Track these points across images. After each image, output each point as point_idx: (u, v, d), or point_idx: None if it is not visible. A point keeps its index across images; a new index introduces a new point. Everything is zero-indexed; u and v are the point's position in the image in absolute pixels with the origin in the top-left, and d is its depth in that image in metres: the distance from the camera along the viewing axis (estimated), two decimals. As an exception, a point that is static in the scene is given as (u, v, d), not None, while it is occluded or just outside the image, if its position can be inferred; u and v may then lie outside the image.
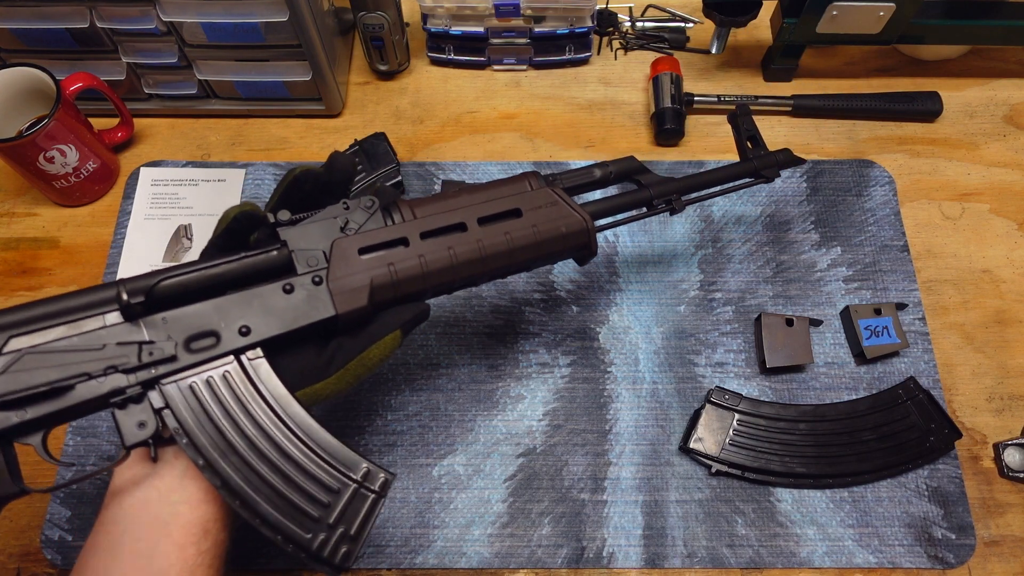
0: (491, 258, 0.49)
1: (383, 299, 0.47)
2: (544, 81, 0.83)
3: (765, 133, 0.78)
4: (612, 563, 0.60)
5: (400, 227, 0.48)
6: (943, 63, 0.83)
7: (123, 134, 0.77)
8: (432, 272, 0.48)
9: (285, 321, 0.44)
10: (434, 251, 0.48)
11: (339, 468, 0.44)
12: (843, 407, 0.63)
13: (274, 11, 0.66)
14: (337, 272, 0.46)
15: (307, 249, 0.46)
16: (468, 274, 0.49)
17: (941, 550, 0.60)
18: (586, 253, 0.54)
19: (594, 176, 0.56)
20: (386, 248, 0.47)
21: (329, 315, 0.45)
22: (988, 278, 0.71)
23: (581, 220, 0.52)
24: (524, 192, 0.52)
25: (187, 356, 0.42)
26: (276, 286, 0.45)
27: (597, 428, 0.65)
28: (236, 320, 0.44)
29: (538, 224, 0.51)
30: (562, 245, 0.52)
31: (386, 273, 0.46)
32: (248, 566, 0.60)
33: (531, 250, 0.51)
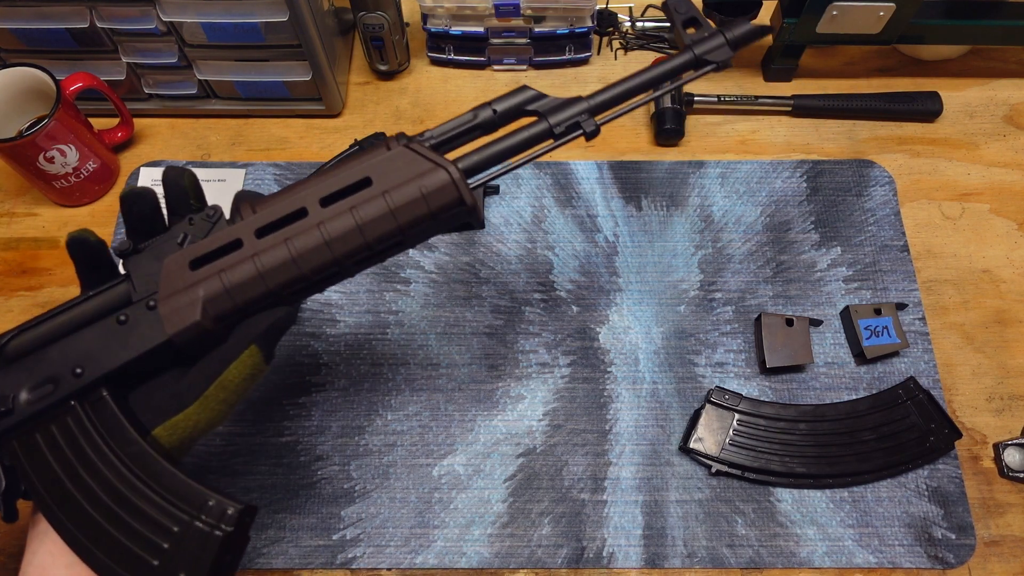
0: (337, 241, 0.42)
1: (221, 311, 0.41)
2: (544, 81, 0.83)
3: (765, 133, 0.79)
4: (612, 563, 0.60)
5: (235, 228, 0.42)
6: (943, 63, 0.83)
7: (123, 134, 0.77)
8: (269, 271, 0.41)
9: (117, 355, 0.41)
10: (269, 247, 0.41)
11: (179, 506, 0.39)
12: (843, 407, 0.63)
13: (274, 11, 0.66)
14: (166, 291, 0.41)
15: (145, 275, 0.42)
16: (317, 264, 0.42)
17: (941, 550, 0.60)
18: (463, 211, 0.43)
19: (473, 120, 0.46)
20: (218, 255, 0.42)
21: (161, 340, 0.41)
22: (988, 278, 0.71)
23: (444, 173, 0.42)
24: (377, 157, 0.43)
25: (26, 408, 0.40)
26: (111, 319, 0.42)
27: (597, 428, 0.65)
28: (71, 362, 0.41)
29: (390, 190, 0.42)
30: (426, 208, 0.42)
31: (217, 282, 0.41)
32: (248, 566, 0.60)
33: (386, 221, 0.42)
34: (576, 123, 0.46)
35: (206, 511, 0.39)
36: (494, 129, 0.47)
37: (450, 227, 0.45)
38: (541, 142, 0.47)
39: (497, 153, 0.46)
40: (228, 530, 0.39)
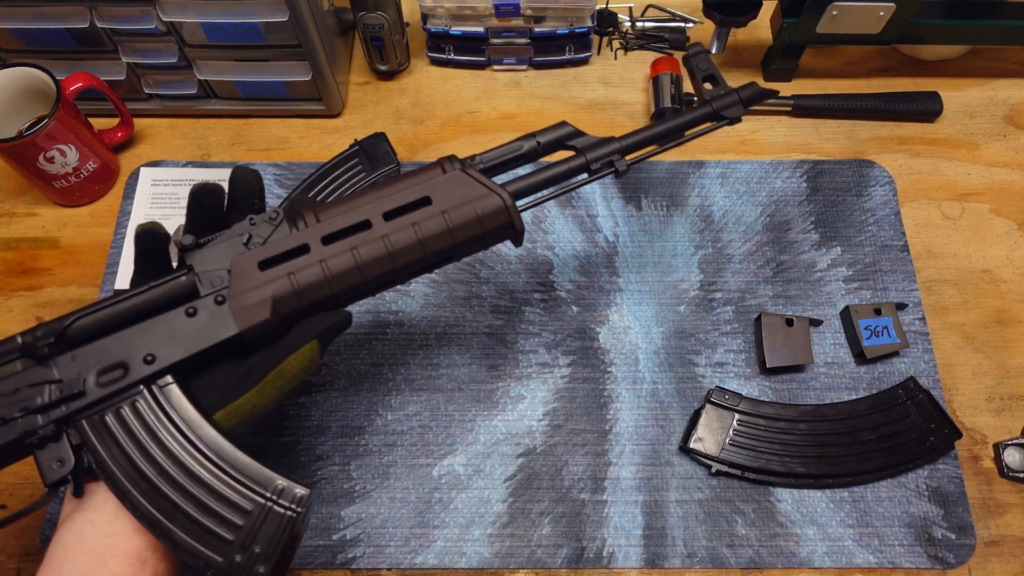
0: (400, 253, 0.46)
1: (289, 310, 0.45)
2: (544, 81, 0.83)
3: (765, 133, 0.79)
4: (612, 563, 0.60)
5: (301, 234, 0.46)
6: (943, 63, 0.83)
7: (123, 134, 0.77)
8: (336, 276, 0.45)
9: (188, 345, 0.44)
10: (337, 254, 0.45)
11: (251, 487, 0.42)
12: (843, 407, 0.63)
13: (274, 11, 0.66)
14: (237, 288, 0.44)
15: (211, 270, 0.45)
16: (379, 273, 0.46)
17: (941, 550, 0.60)
18: (511, 233, 0.49)
19: (520, 150, 0.51)
20: (287, 258, 0.45)
21: (232, 333, 0.44)
22: (988, 278, 0.71)
23: (498, 199, 0.47)
24: (435, 178, 0.48)
25: (97, 390, 0.42)
26: (180, 311, 0.44)
27: (597, 428, 0.65)
28: (141, 349, 0.43)
29: (449, 210, 0.47)
30: (479, 228, 0.47)
31: (287, 283, 0.44)
32: (248, 566, 0.60)
33: (444, 238, 0.47)
34: (610, 161, 0.53)
35: (279, 493, 0.42)
36: (535, 159, 0.53)
37: (494, 243, 0.50)
38: (578, 175, 0.53)
39: (541, 182, 0.52)
40: (300, 511, 0.42)
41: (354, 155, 0.73)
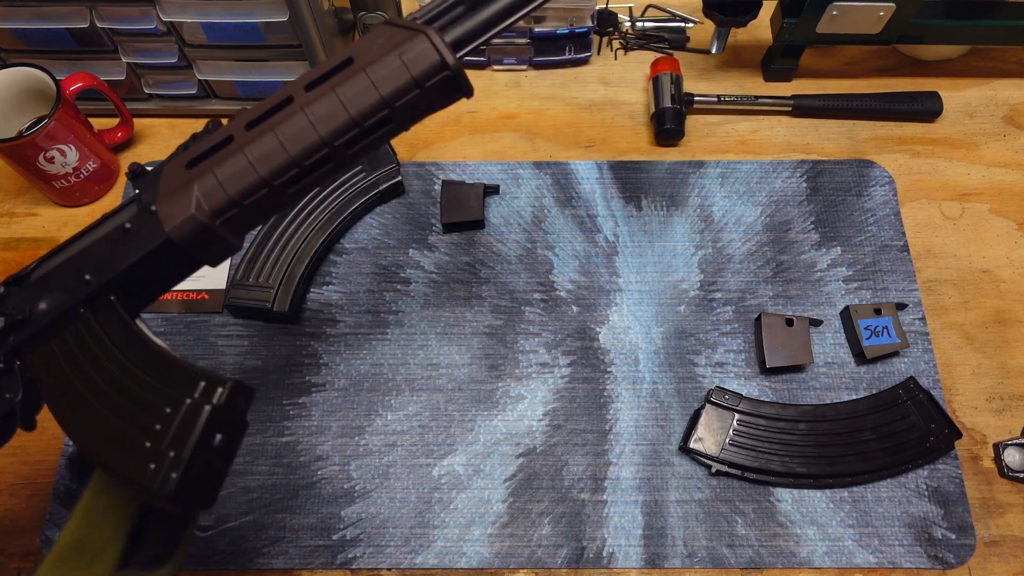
0: (323, 121, 0.40)
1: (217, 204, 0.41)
2: (544, 81, 0.83)
3: (765, 133, 0.79)
4: (612, 563, 0.60)
5: (227, 127, 0.43)
6: (943, 63, 0.83)
7: (123, 134, 0.77)
8: (259, 159, 0.40)
9: (123, 259, 0.42)
10: (258, 137, 0.41)
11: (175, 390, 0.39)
12: (843, 407, 0.63)
13: (274, 11, 0.66)
14: (165, 193, 0.42)
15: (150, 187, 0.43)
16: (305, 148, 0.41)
17: (941, 550, 0.60)
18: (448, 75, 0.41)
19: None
20: (213, 152, 0.42)
21: (160, 239, 0.41)
22: (988, 278, 0.71)
23: (422, 37, 0.40)
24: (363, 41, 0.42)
25: (40, 318, 0.43)
26: (116, 228, 0.43)
27: (597, 428, 0.65)
28: (81, 272, 0.43)
29: (371, 64, 0.40)
30: (408, 75, 0.40)
31: (210, 177, 0.41)
32: (248, 566, 0.60)
33: (369, 94, 0.40)
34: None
35: (197, 390, 0.39)
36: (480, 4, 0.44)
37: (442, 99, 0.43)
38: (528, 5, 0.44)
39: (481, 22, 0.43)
40: (218, 404, 0.38)
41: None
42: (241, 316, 0.69)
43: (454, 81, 0.42)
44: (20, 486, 0.63)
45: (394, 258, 0.72)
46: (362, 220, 0.74)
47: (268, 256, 0.68)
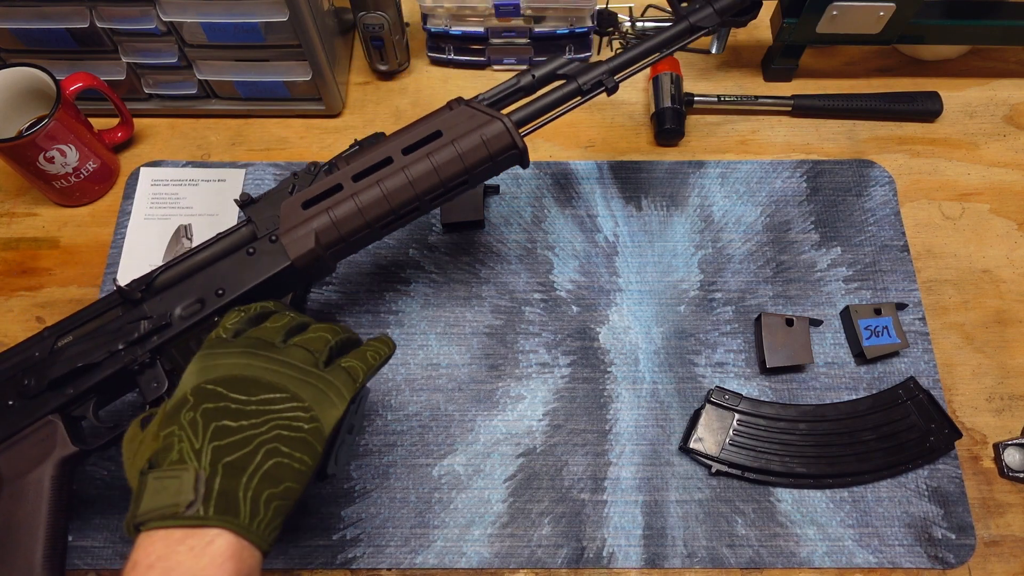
0: (419, 181, 0.53)
1: (330, 240, 0.53)
2: (544, 81, 0.83)
3: (765, 133, 0.79)
4: (612, 563, 0.60)
5: (335, 176, 0.54)
6: (943, 63, 0.83)
7: (123, 134, 0.77)
8: (366, 206, 0.53)
9: (250, 278, 0.52)
10: (365, 188, 0.53)
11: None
12: (843, 407, 0.63)
13: (274, 11, 0.66)
14: (286, 226, 0.53)
15: (265, 218, 0.54)
16: (403, 201, 0.53)
17: (941, 550, 0.60)
18: (515, 153, 0.55)
19: (517, 84, 0.58)
20: (325, 197, 0.53)
21: (285, 264, 0.52)
22: (988, 278, 0.71)
23: (499, 123, 0.54)
24: (444, 115, 0.55)
25: (181, 323, 0.52)
26: (242, 252, 0.53)
27: (597, 428, 0.65)
28: (213, 286, 0.52)
29: (457, 139, 0.53)
30: (486, 151, 0.54)
31: (326, 217, 0.52)
32: (248, 566, 0.60)
33: (455, 164, 0.53)
34: (600, 81, 0.59)
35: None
36: (533, 92, 0.59)
37: (503, 168, 0.57)
38: (572, 99, 0.59)
39: (539, 108, 0.58)
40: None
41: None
42: (241, 316, 0.69)
43: (520, 158, 0.56)
44: (20, 486, 0.63)
45: (394, 258, 0.72)
46: (362, 220, 0.74)
47: (268, 256, 0.69)
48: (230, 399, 0.41)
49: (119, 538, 0.61)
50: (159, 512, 0.38)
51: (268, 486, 0.40)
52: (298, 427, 0.42)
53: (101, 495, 0.62)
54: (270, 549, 0.40)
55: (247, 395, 0.42)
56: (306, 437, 0.42)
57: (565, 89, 0.59)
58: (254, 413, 0.41)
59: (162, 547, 0.37)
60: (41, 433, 0.50)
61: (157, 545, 0.37)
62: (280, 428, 0.41)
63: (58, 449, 0.50)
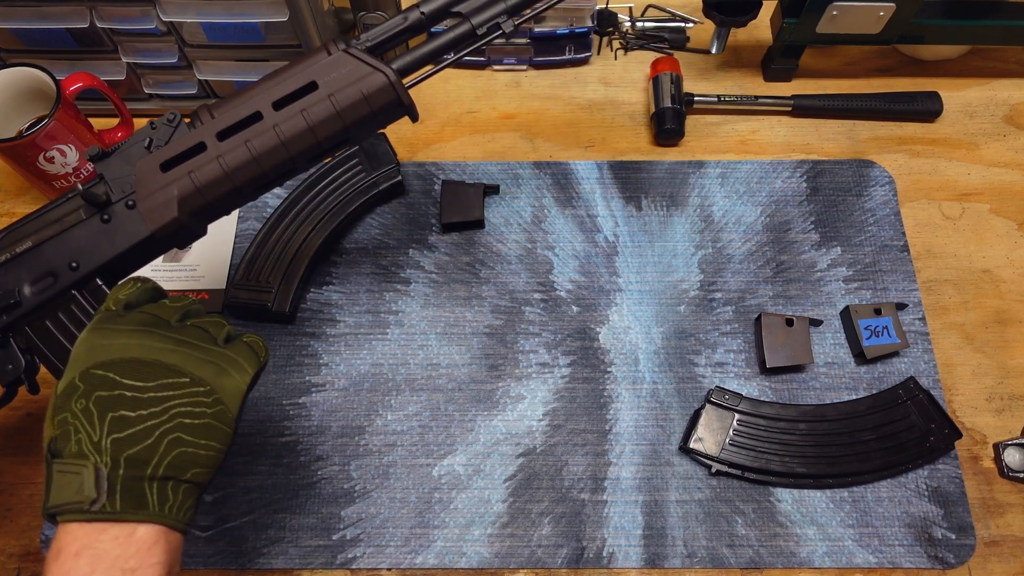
0: (292, 141, 0.48)
1: (195, 207, 0.48)
2: (544, 81, 0.83)
3: (765, 133, 0.79)
4: (612, 563, 0.60)
5: (197, 132, 0.48)
6: (943, 63, 0.83)
7: (123, 134, 0.77)
8: (234, 170, 0.47)
9: (107, 250, 0.48)
10: (232, 148, 0.47)
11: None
12: (843, 407, 0.63)
13: (274, 11, 0.66)
14: (143, 191, 0.47)
15: (120, 177, 0.48)
16: (275, 162, 0.48)
17: (941, 550, 0.60)
18: (401, 109, 0.50)
19: (404, 23, 0.51)
20: (187, 157, 0.48)
21: (144, 235, 0.47)
22: (988, 278, 0.71)
23: (382, 76, 0.48)
24: (320, 62, 0.49)
25: (32, 299, 0.47)
26: (95, 219, 0.48)
27: (597, 428, 0.65)
28: (65, 258, 0.47)
29: (335, 92, 0.48)
30: (368, 108, 0.48)
31: (189, 182, 0.47)
32: (248, 566, 0.60)
33: (334, 122, 0.48)
34: (496, 24, 0.51)
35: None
36: (423, 31, 0.52)
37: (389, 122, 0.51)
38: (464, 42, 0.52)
39: (426, 53, 0.51)
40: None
41: (354, 155, 0.73)
42: (241, 316, 0.69)
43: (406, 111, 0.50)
44: (20, 486, 0.63)
45: (394, 258, 0.72)
46: (362, 220, 0.74)
47: (268, 256, 0.68)
48: (125, 386, 0.39)
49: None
50: (67, 507, 0.38)
51: (174, 474, 0.40)
52: (201, 412, 0.41)
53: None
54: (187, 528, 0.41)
55: (143, 381, 0.40)
56: (210, 422, 0.41)
57: (458, 31, 0.51)
58: (152, 401, 0.40)
59: (84, 536, 0.38)
60: None
61: (78, 534, 0.38)
62: (182, 416, 0.40)
63: None
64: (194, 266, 0.71)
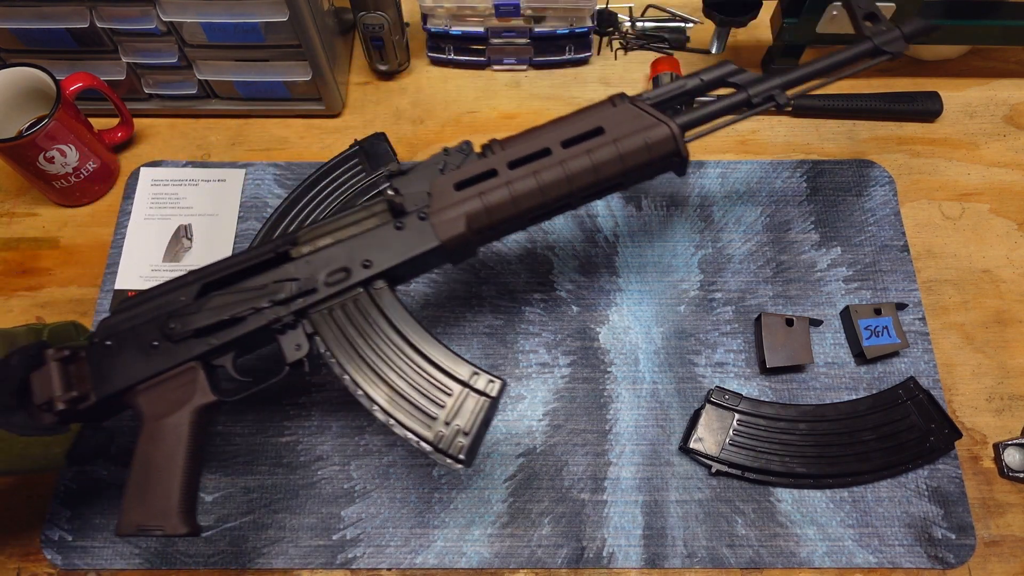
0: (576, 177, 0.52)
1: (479, 226, 0.53)
2: (544, 81, 0.83)
3: (765, 133, 0.79)
4: (612, 563, 0.60)
5: (489, 160, 0.53)
6: (943, 63, 0.83)
7: (123, 134, 0.77)
8: (520, 196, 0.52)
9: (398, 253, 0.52)
10: (521, 177, 0.52)
11: (451, 374, 0.50)
12: (843, 407, 0.63)
13: (274, 11, 0.66)
14: (436, 206, 0.52)
15: (413, 192, 0.53)
16: (557, 195, 0.53)
17: (941, 550, 0.60)
18: (677, 161, 0.54)
19: (684, 87, 0.56)
20: (478, 181, 0.53)
21: (434, 245, 0.52)
22: (988, 278, 0.71)
23: (666, 128, 0.53)
24: (606, 111, 0.54)
25: (326, 288, 0.52)
26: (390, 225, 0.53)
27: (597, 428, 0.65)
28: (360, 256, 0.52)
29: (620, 138, 0.52)
30: (647, 155, 0.53)
31: (478, 202, 0.52)
32: (248, 566, 0.60)
33: (615, 164, 0.53)
34: (771, 96, 0.56)
35: (474, 380, 0.50)
36: (699, 95, 0.57)
37: (659, 173, 0.56)
38: (739, 109, 0.57)
39: (704, 115, 0.56)
40: (493, 397, 0.50)
41: (354, 155, 0.73)
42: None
43: (680, 165, 0.55)
44: (20, 486, 0.63)
45: (394, 258, 0.72)
46: (362, 220, 0.74)
47: (268, 256, 0.68)
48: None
49: (119, 538, 0.61)
50: None
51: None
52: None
53: (101, 495, 0.62)
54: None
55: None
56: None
57: (734, 99, 0.56)
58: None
59: None
60: (183, 378, 0.52)
61: None
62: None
63: (198, 396, 0.51)
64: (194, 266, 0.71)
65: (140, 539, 0.61)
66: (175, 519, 0.50)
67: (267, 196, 0.75)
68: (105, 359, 0.52)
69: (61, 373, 0.51)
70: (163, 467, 0.50)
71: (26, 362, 0.51)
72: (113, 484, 0.62)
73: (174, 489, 0.50)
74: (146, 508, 0.50)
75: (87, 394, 0.51)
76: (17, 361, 0.51)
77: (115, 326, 0.53)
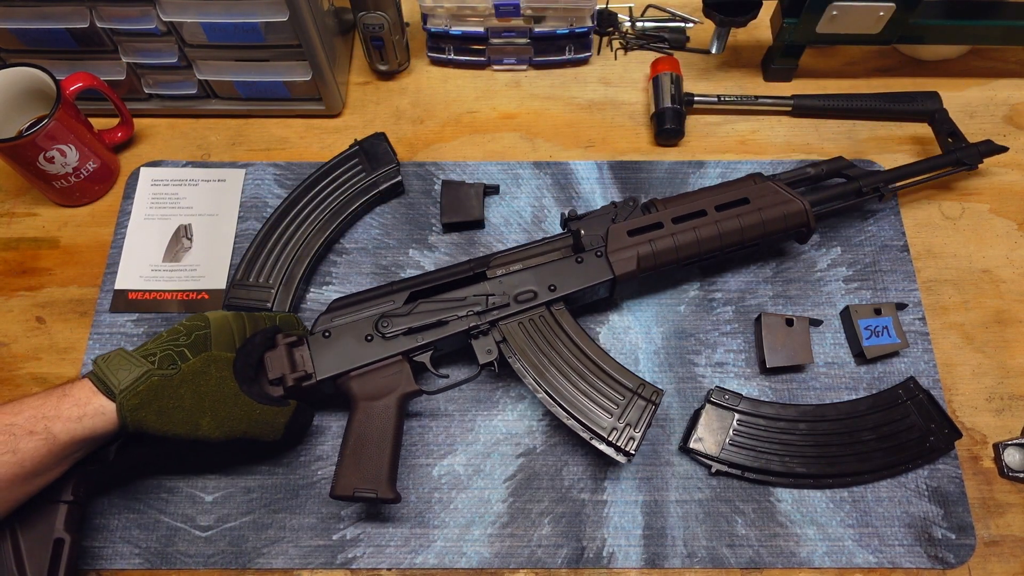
0: (727, 235, 0.64)
1: (646, 266, 0.63)
2: (544, 81, 0.83)
3: (765, 133, 0.79)
4: (612, 563, 0.60)
5: (657, 215, 0.64)
6: (943, 63, 0.83)
7: (123, 134, 0.77)
8: (682, 246, 0.63)
9: (579, 281, 0.63)
10: (683, 231, 0.63)
11: (621, 382, 0.60)
12: (843, 407, 0.63)
13: (274, 11, 0.66)
14: (612, 247, 0.63)
15: (590, 234, 0.64)
16: (709, 248, 0.64)
17: (941, 550, 0.60)
18: (805, 231, 0.66)
19: (807, 173, 0.68)
20: (647, 231, 0.64)
21: (609, 277, 0.63)
22: (988, 278, 0.71)
23: (800, 205, 0.64)
24: (749, 186, 0.66)
25: (515, 305, 0.62)
26: (571, 259, 0.63)
27: (597, 428, 0.65)
28: (546, 281, 0.63)
29: (763, 209, 0.64)
30: (784, 224, 0.64)
31: (648, 247, 0.63)
32: (248, 566, 0.60)
33: (758, 228, 0.64)
34: (877, 187, 0.68)
35: (640, 388, 0.60)
36: (817, 181, 0.69)
37: (785, 239, 0.68)
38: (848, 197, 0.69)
39: (825, 198, 0.68)
40: (656, 403, 0.59)
41: (354, 155, 0.73)
42: (241, 316, 0.69)
43: (807, 234, 0.66)
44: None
45: (394, 258, 0.72)
46: (362, 220, 0.74)
47: (268, 256, 0.68)
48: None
49: (119, 538, 0.61)
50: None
51: None
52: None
53: (102, 495, 0.62)
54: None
55: None
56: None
57: (847, 187, 0.68)
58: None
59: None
60: (391, 368, 0.60)
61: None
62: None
63: (403, 384, 0.60)
64: (194, 266, 0.71)
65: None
66: (385, 486, 0.57)
67: (267, 196, 0.75)
68: (324, 347, 0.60)
69: (288, 355, 0.59)
70: (376, 442, 0.58)
71: (265, 343, 0.59)
72: (114, 484, 0.62)
73: (385, 461, 0.58)
74: (361, 474, 0.57)
75: (311, 375, 0.59)
76: (259, 340, 0.58)
77: (331, 321, 0.61)
